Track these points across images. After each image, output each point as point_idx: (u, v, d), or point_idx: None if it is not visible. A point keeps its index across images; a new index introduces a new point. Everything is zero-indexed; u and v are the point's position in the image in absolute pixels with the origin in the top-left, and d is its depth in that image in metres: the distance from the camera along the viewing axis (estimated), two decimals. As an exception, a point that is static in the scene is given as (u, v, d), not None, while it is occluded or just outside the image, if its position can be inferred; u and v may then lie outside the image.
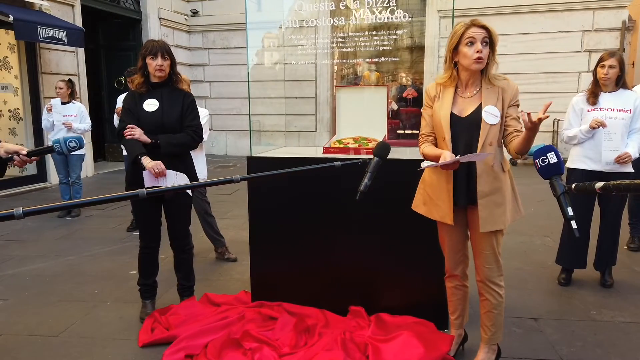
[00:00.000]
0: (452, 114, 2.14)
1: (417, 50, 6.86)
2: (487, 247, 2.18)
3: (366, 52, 3.37)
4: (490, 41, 2.06)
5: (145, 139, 2.74)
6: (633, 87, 4.27)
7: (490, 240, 2.17)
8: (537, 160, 1.82)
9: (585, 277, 3.55)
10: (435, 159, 2.14)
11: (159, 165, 2.69)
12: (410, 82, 8.83)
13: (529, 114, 1.91)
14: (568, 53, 9.58)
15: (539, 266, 3.86)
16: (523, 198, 2.32)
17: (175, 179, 2.78)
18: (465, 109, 2.14)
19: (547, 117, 1.90)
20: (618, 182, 1.37)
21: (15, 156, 1.94)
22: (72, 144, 2.08)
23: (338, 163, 1.92)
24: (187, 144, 2.88)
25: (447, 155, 2.04)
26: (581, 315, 3.00)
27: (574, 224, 1.64)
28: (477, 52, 2.03)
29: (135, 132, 2.72)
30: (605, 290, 3.38)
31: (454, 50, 2.11)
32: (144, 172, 2.72)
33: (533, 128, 1.92)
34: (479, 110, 2.11)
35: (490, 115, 2.08)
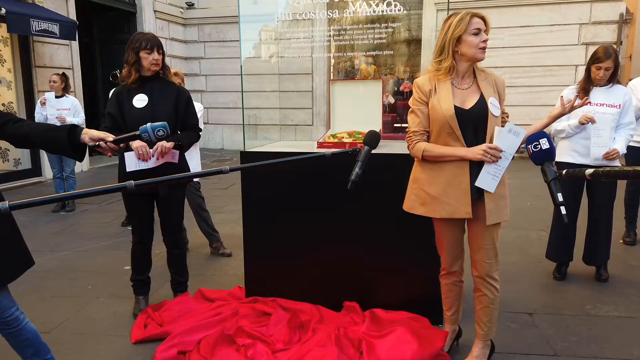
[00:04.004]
0: (455, 106, 2.08)
1: (415, 43, 6.81)
2: (488, 242, 2.17)
3: (363, 45, 3.33)
4: (488, 34, 2.09)
5: (167, 146, 2.68)
6: (630, 79, 4.25)
7: (492, 234, 2.17)
8: (529, 146, 1.82)
9: (580, 272, 3.55)
10: (449, 157, 2.08)
11: (145, 146, 2.61)
12: (407, 76, 8.77)
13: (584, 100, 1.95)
14: (565, 46, 9.54)
15: (535, 260, 3.85)
16: (520, 191, 2.32)
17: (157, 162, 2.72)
18: (467, 101, 2.10)
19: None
20: (608, 168, 1.40)
21: (102, 143, 1.91)
22: (160, 133, 2.01)
23: (329, 152, 1.91)
24: (195, 142, 3.03)
25: (476, 151, 2.03)
26: (576, 310, 3.00)
27: (563, 210, 1.65)
28: (484, 41, 2.04)
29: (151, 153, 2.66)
30: (600, 284, 3.38)
31: (457, 40, 2.07)
32: (126, 153, 2.66)
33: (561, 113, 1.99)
34: (481, 101, 2.09)
35: (495, 107, 2.09)
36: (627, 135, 3.23)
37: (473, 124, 2.09)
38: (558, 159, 3.36)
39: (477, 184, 2.07)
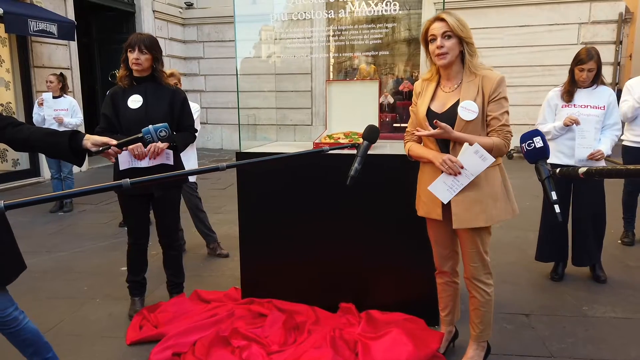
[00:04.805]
0: (429, 110, 2.12)
1: (415, 42, 6.79)
2: (470, 245, 2.15)
3: (363, 45, 3.32)
4: (456, 33, 1.99)
5: (160, 146, 2.65)
6: (630, 78, 4.24)
7: (472, 238, 2.14)
8: (523, 145, 1.82)
9: (577, 273, 3.53)
10: (424, 159, 2.15)
11: (140, 146, 2.61)
12: (407, 75, 8.75)
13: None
14: (564, 45, 9.52)
15: (532, 261, 3.82)
16: (518, 191, 2.29)
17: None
18: (445, 104, 2.11)
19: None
20: (601, 167, 1.39)
21: (105, 148, 1.91)
22: (163, 134, 2.03)
23: (327, 148, 1.92)
24: (191, 142, 3.02)
25: (438, 158, 2.05)
26: (573, 310, 2.99)
27: (557, 208, 1.65)
28: (437, 47, 2.02)
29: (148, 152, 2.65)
30: (597, 285, 3.37)
31: (427, 47, 2.11)
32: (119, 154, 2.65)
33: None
34: (456, 105, 2.06)
35: (466, 110, 2.01)
36: (613, 136, 3.22)
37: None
38: None
39: (430, 187, 2.10)
